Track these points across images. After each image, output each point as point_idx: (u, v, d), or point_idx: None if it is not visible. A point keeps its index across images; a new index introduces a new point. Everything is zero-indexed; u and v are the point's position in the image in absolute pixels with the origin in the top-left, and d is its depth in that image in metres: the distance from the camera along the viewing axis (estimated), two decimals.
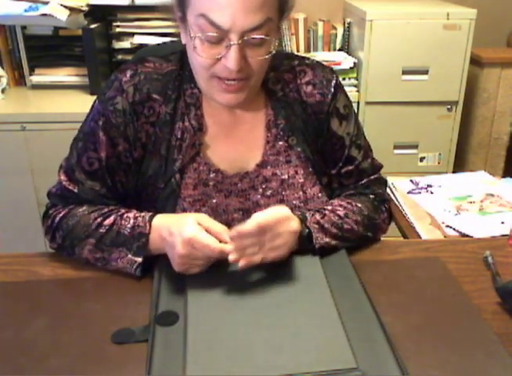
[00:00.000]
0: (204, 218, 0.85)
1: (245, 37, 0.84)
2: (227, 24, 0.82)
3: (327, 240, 0.94)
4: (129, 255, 0.89)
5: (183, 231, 0.82)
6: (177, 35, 0.97)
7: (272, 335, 0.73)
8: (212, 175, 0.98)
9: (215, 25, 0.83)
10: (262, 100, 1.01)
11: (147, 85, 0.95)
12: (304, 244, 0.92)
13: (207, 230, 0.83)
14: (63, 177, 0.98)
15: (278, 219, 0.85)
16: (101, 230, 0.92)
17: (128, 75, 0.96)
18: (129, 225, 0.91)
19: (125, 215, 0.93)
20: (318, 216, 0.95)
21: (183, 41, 0.94)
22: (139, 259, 0.89)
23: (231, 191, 0.99)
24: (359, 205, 1.01)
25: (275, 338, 0.73)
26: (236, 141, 1.00)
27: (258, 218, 0.82)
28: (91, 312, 0.82)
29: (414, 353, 0.73)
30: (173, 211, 0.96)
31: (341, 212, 0.98)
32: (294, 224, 0.88)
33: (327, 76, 1.02)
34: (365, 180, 1.07)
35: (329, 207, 0.98)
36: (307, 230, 0.92)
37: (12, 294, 0.88)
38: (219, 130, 1.00)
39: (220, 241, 0.82)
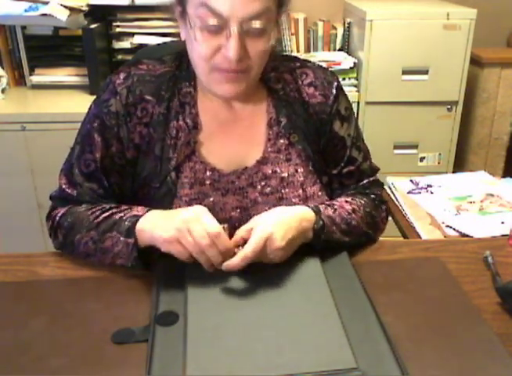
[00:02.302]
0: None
1: (244, 27, 0.85)
2: (227, 11, 0.83)
3: (337, 235, 0.95)
4: (121, 238, 0.88)
5: (196, 207, 0.85)
6: (177, 35, 0.97)
7: (272, 335, 0.73)
8: (208, 174, 0.98)
9: (215, 13, 0.84)
10: (263, 98, 1.01)
11: (140, 87, 0.96)
12: (316, 237, 0.92)
13: None
14: (63, 180, 1.00)
15: (262, 245, 0.83)
16: (97, 220, 0.92)
17: (121, 78, 0.97)
18: (125, 212, 0.91)
19: (123, 208, 0.93)
20: (330, 210, 0.95)
21: (182, 38, 0.94)
22: (131, 240, 0.87)
23: (228, 189, 0.99)
24: (363, 202, 1.02)
25: (275, 337, 0.73)
26: (235, 137, 1.00)
27: (245, 253, 0.82)
28: (91, 312, 0.82)
29: (414, 353, 0.73)
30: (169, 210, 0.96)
31: (349, 207, 0.99)
32: (278, 242, 0.85)
33: (328, 78, 1.03)
34: (365, 181, 1.07)
35: (337, 203, 0.99)
36: (321, 222, 0.92)
37: (12, 294, 0.88)
38: (217, 127, 1.00)
39: None
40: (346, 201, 1.00)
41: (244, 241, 0.85)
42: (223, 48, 0.86)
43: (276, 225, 0.86)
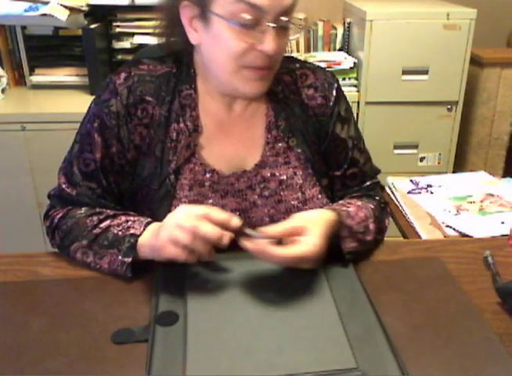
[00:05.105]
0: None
1: (278, 22, 0.86)
2: (266, 5, 0.83)
3: (354, 244, 0.93)
4: (119, 257, 0.89)
5: (179, 208, 0.83)
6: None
7: (272, 335, 0.73)
8: (208, 176, 0.98)
9: (255, 7, 0.83)
10: (263, 101, 1.01)
11: (140, 88, 0.96)
12: (331, 247, 0.90)
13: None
14: (62, 179, 1.00)
15: (306, 256, 0.82)
16: (96, 231, 0.92)
17: (122, 78, 0.96)
18: (123, 226, 0.91)
19: (123, 218, 0.93)
20: (350, 220, 0.93)
21: (195, 42, 0.92)
22: (128, 260, 0.88)
23: (227, 191, 0.99)
24: (372, 207, 1.02)
25: (276, 337, 0.73)
26: (234, 140, 1.00)
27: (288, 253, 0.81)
28: (92, 312, 0.82)
29: (414, 353, 0.73)
30: (168, 211, 0.96)
31: (363, 214, 0.97)
32: (312, 264, 0.84)
33: (329, 80, 1.03)
34: (368, 183, 1.07)
35: (353, 209, 0.97)
36: (335, 238, 0.91)
37: (12, 294, 0.88)
38: (216, 129, 1.00)
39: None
40: (358, 206, 0.99)
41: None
42: (257, 44, 0.86)
43: (324, 242, 0.84)
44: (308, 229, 0.84)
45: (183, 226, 0.79)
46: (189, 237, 0.79)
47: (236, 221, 0.80)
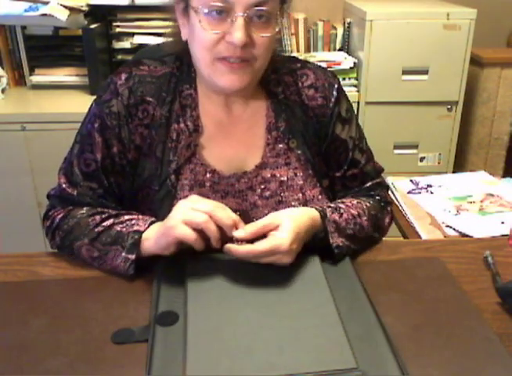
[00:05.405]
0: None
1: (249, 13, 0.85)
2: None
3: (342, 239, 0.94)
4: (123, 253, 0.89)
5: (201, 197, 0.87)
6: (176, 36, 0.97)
7: (272, 335, 0.73)
8: (208, 176, 0.98)
9: None
10: (263, 101, 1.01)
11: (141, 88, 0.96)
12: (319, 243, 0.92)
13: None
14: (62, 179, 1.00)
15: (271, 251, 0.83)
16: (98, 229, 0.92)
17: (122, 78, 0.96)
18: (127, 223, 0.91)
19: (126, 217, 0.93)
20: (336, 216, 0.95)
21: (184, 37, 0.94)
22: (132, 256, 0.88)
23: (228, 192, 0.99)
24: (368, 205, 1.02)
25: (276, 337, 0.73)
26: (234, 141, 1.00)
27: (254, 251, 0.82)
28: (91, 312, 0.82)
29: (414, 353, 0.73)
30: (169, 212, 0.96)
31: (355, 211, 0.98)
32: (286, 258, 0.85)
33: (329, 80, 1.03)
34: (369, 183, 1.07)
35: (344, 206, 0.98)
36: (322, 234, 0.92)
37: (12, 294, 0.88)
38: (216, 130, 1.00)
39: None
40: (352, 204, 0.99)
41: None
42: (228, 34, 0.86)
43: (294, 236, 0.84)
44: (280, 224, 0.85)
45: (200, 209, 0.82)
46: (205, 218, 0.81)
47: (242, 226, 0.84)
